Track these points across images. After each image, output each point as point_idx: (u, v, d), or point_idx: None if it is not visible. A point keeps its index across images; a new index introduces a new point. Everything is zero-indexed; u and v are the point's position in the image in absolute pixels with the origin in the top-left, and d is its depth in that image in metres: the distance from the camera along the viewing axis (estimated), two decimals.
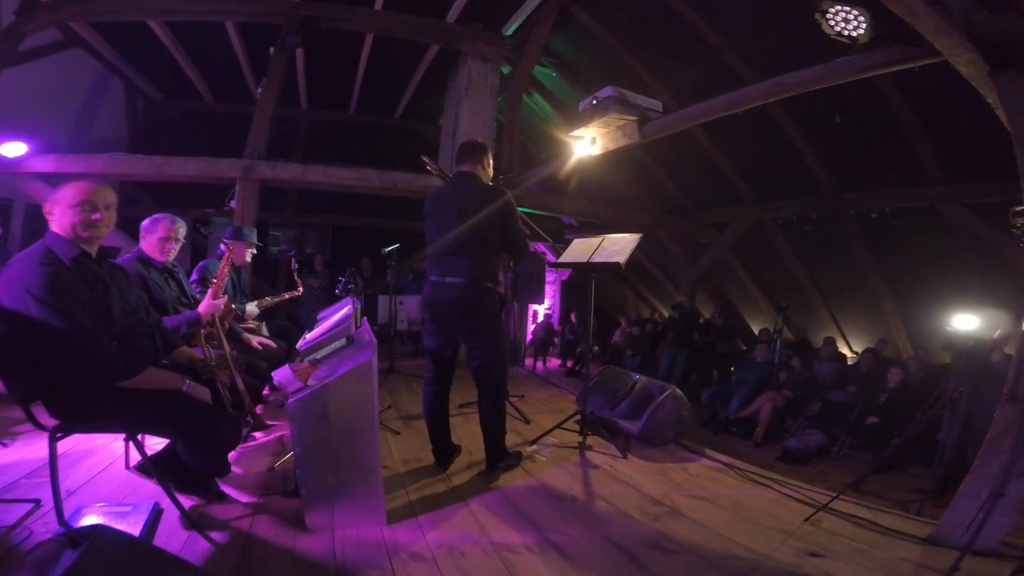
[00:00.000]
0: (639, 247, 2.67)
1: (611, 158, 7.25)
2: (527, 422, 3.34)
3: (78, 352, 1.50)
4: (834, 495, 2.15)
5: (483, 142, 2.54)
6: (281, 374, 1.82)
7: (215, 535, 1.71)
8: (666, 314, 9.33)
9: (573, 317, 11.11)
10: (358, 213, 9.33)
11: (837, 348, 6.78)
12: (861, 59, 2.42)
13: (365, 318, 2.71)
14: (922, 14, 1.64)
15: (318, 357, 2.05)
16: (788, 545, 1.83)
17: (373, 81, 7.36)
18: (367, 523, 1.82)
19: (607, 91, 3.23)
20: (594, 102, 3.33)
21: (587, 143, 3.77)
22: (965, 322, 5.07)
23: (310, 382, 1.80)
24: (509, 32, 5.77)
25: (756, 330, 7.93)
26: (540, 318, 11.15)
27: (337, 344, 2.17)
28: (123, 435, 2.08)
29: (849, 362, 6.72)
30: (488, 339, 2.36)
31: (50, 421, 1.57)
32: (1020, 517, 1.75)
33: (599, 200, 7.21)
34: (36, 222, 5.93)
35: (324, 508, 1.82)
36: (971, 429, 3.89)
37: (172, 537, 1.63)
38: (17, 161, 4.55)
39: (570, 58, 6.30)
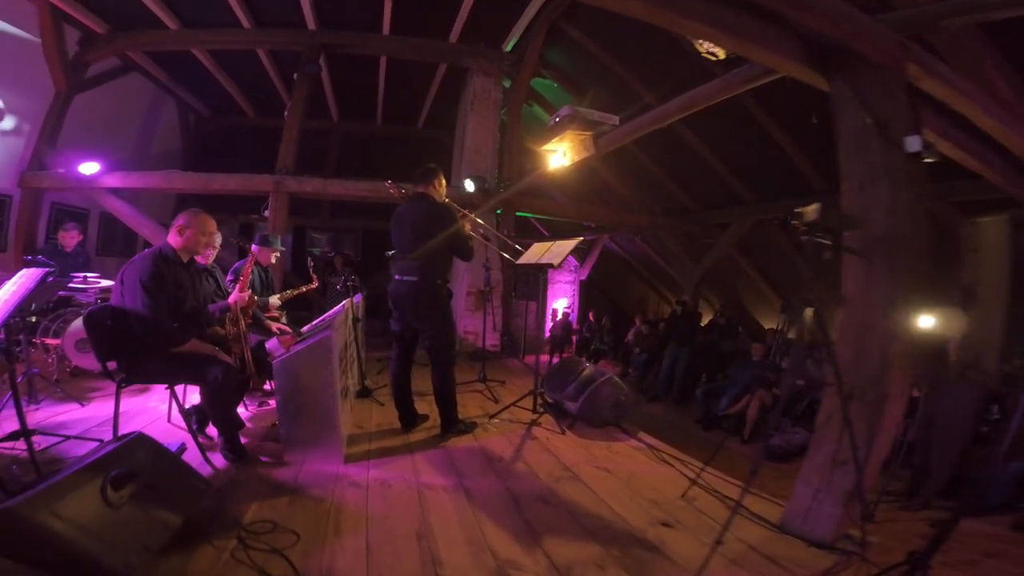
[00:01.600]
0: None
1: (614, 164, 7.63)
2: (496, 401, 3.84)
3: (151, 326, 2.20)
4: (701, 470, 2.50)
5: (435, 167, 3.10)
6: (272, 344, 2.42)
7: (219, 463, 2.33)
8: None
9: (591, 316, 11.48)
10: (386, 217, 10.06)
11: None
12: (732, 76, 2.71)
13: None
14: (756, 31, 1.88)
15: (304, 334, 2.65)
16: (650, 514, 2.14)
17: (394, 95, 8.05)
18: (327, 461, 2.41)
19: (565, 110, 3.67)
20: (557, 119, 3.77)
21: (559, 155, 4.21)
22: (923, 321, 5.20)
23: (290, 351, 2.40)
24: (508, 48, 6.26)
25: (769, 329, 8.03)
26: (559, 316, 11.61)
27: (320, 327, 2.77)
28: (166, 401, 2.77)
29: None
30: (437, 324, 2.92)
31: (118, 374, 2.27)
32: (845, 504, 1.86)
33: (597, 203, 7.56)
34: (108, 228, 6.97)
35: (297, 448, 2.42)
36: (933, 429, 4.05)
37: (190, 461, 2.26)
38: (92, 178, 5.47)
39: (566, 69, 6.71)
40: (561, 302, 11.76)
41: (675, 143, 6.32)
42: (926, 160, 1.52)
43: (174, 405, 2.70)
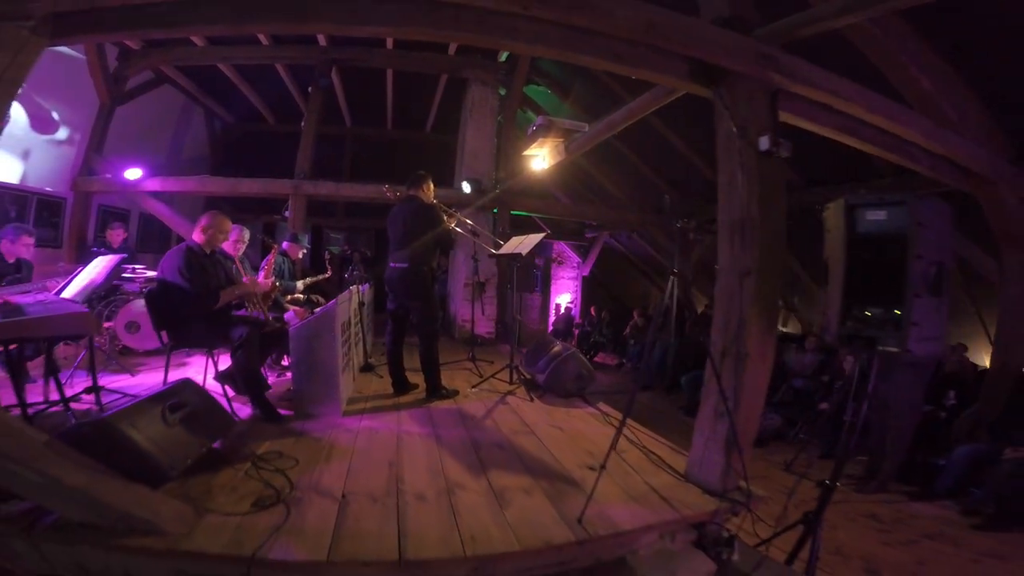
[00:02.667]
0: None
1: (606, 165, 8.07)
2: (480, 377, 4.37)
3: (192, 296, 2.82)
4: (621, 422, 2.99)
5: (424, 173, 3.67)
6: (289, 315, 3.02)
7: (243, 414, 2.93)
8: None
9: (592, 310, 11.95)
10: None
11: (823, 340, 7.14)
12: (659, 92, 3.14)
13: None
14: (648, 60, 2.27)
15: (316, 311, 3.25)
16: (581, 460, 2.61)
17: (402, 103, 8.66)
18: (328, 413, 2.99)
19: (540, 120, 4.18)
20: (534, 128, 4.29)
21: (540, 159, 4.72)
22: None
23: (304, 320, 3.01)
24: (502, 59, 6.79)
25: None
26: (562, 310, 12.13)
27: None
28: (202, 372, 3.38)
29: None
30: (421, 303, 3.51)
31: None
32: (727, 454, 2.21)
33: (594, 202, 8.01)
34: (146, 227, 7.73)
35: (306, 402, 3.01)
36: (887, 412, 4.35)
37: None
38: (135, 182, 6.18)
39: (555, 75, 7.21)
40: (564, 297, 12.27)
41: (663, 143, 6.75)
42: (781, 156, 1.98)
43: (209, 373, 3.31)
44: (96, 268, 2.72)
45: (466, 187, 6.52)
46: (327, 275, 5.25)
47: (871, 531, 3.41)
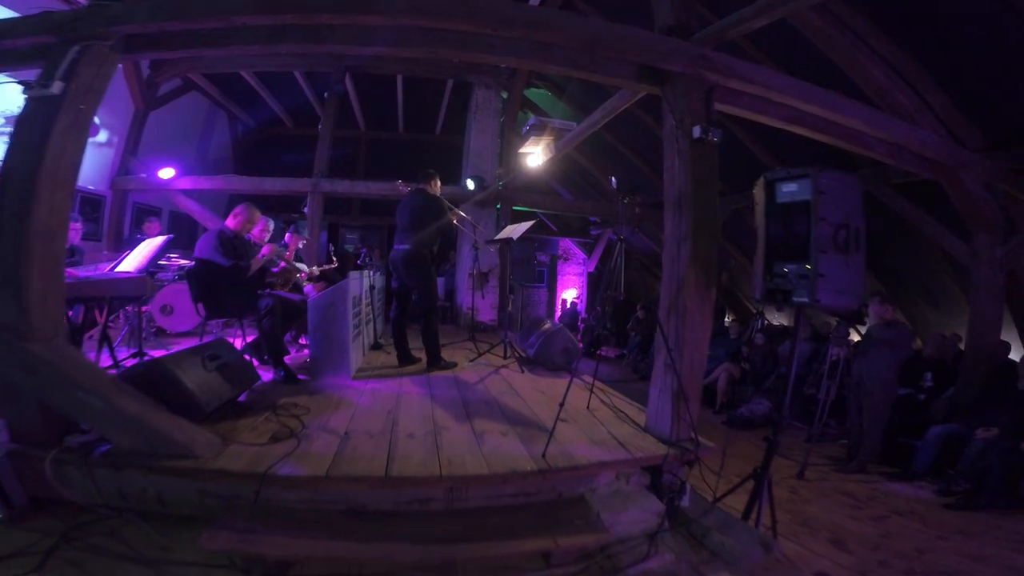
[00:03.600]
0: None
1: (604, 160, 8.39)
2: (479, 353, 4.75)
3: (226, 268, 3.27)
4: (592, 383, 3.32)
5: (433, 171, 4.11)
6: (308, 288, 3.45)
7: (266, 378, 3.34)
8: None
9: (599, 306, 12.23)
10: None
11: (816, 330, 7.35)
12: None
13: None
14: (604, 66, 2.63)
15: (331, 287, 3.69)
16: (555, 414, 2.89)
17: (412, 106, 9.13)
18: (339, 376, 3.40)
19: (533, 120, 4.54)
20: (527, 128, 4.66)
21: (536, 156, 5.08)
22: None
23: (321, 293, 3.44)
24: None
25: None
26: (568, 305, 12.45)
27: None
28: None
29: None
30: (421, 281, 3.91)
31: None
32: (675, 404, 2.51)
33: (589, 197, 8.34)
34: (175, 222, 8.31)
35: (321, 367, 3.42)
36: (862, 390, 4.56)
37: None
38: (169, 181, 6.74)
39: (553, 78, 7.56)
40: (570, 293, 12.59)
41: (653, 138, 7.04)
42: (711, 142, 2.32)
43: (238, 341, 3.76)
44: (148, 247, 3.21)
45: (470, 184, 6.92)
46: (334, 264, 5.71)
47: (843, 507, 3.55)
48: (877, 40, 3.71)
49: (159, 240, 3.28)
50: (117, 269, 3.08)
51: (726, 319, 9.16)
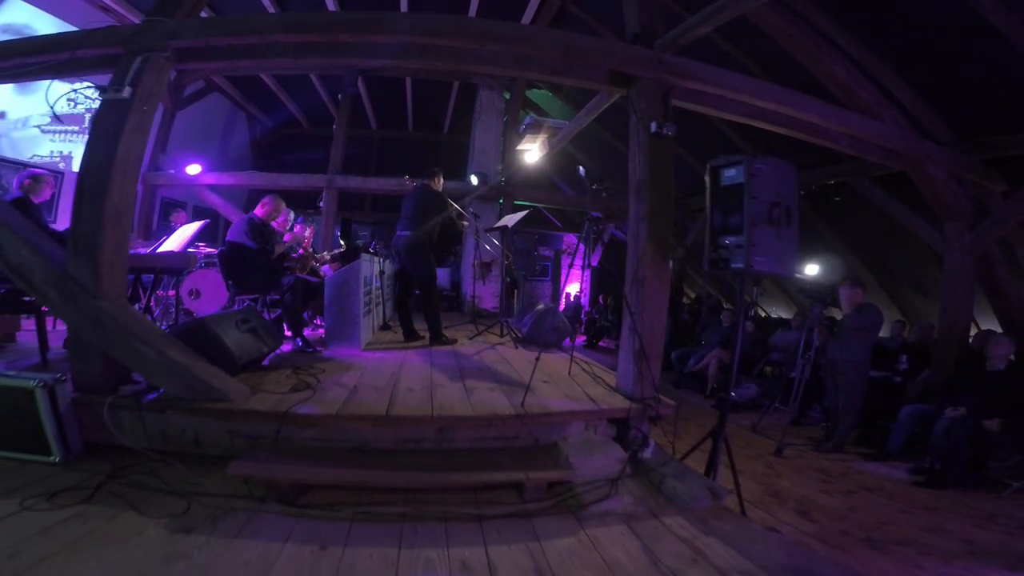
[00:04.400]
0: None
1: (602, 157, 8.72)
2: (478, 332, 5.14)
3: (255, 250, 3.72)
4: (572, 354, 3.69)
5: (437, 168, 4.54)
6: (325, 268, 3.88)
7: (286, 348, 3.78)
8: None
9: (601, 299, 12.56)
10: None
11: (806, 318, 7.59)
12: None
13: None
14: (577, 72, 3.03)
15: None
16: (539, 377, 3.26)
17: (421, 107, 9.56)
18: (350, 347, 3.83)
19: (528, 119, 4.93)
20: (524, 126, 5.05)
21: (532, 153, 5.47)
22: (810, 269, 6.06)
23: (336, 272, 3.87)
24: None
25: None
26: (572, 299, 12.80)
27: None
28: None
29: None
30: (420, 265, 4.32)
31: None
32: (637, 363, 2.86)
33: (585, 193, 8.67)
34: (198, 216, 8.83)
35: (334, 338, 3.85)
36: (836, 372, 4.81)
37: None
38: (195, 177, 7.26)
39: None
40: (573, 286, 12.93)
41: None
42: (666, 136, 2.68)
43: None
44: (187, 231, 3.71)
45: (474, 180, 7.33)
46: (342, 248, 6.19)
47: (814, 482, 3.71)
48: (842, 38, 4.02)
49: (197, 225, 3.77)
50: (160, 250, 3.56)
51: (723, 309, 9.43)
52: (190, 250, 5.60)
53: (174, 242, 3.65)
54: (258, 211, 3.95)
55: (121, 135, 2.47)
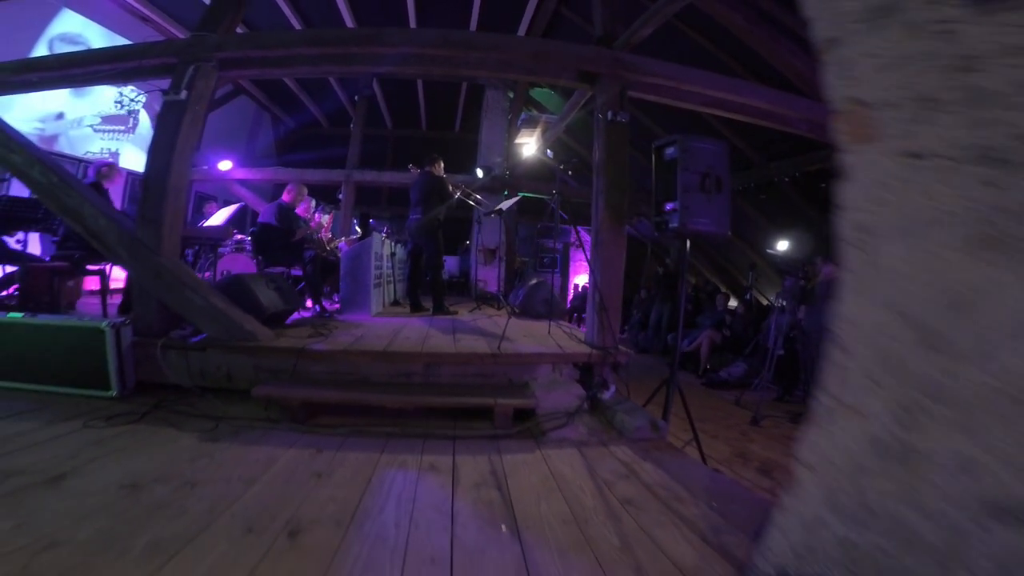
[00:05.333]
0: None
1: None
2: (477, 307, 5.70)
3: (284, 231, 4.36)
4: (550, 322, 4.19)
5: (436, 155, 5.08)
6: (342, 244, 4.49)
7: (308, 313, 4.40)
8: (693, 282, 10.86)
9: None
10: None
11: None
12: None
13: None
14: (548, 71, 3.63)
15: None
16: (521, 335, 3.91)
17: (433, 106, 10.19)
18: (362, 313, 4.43)
19: (524, 115, 5.48)
20: (520, 121, 5.59)
21: (529, 146, 6.01)
22: (781, 244, 6.45)
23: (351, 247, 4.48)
24: None
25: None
26: (580, 289, 13.29)
27: None
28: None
29: None
30: (430, 244, 4.91)
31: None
32: (599, 315, 3.43)
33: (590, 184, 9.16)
34: None
35: (348, 307, 4.46)
36: (807, 340, 5.20)
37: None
38: (224, 173, 8.00)
39: None
40: (581, 278, 13.41)
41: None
42: (620, 122, 3.19)
43: None
44: (226, 212, 4.39)
45: (479, 173, 7.89)
46: (359, 236, 6.83)
47: (784, 447, 3.91)
48: (802, 29, 4.43)
49: (233, 207, 4.43)
50: (205, 224, 4.25)
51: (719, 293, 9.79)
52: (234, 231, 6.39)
53: (217, 219, 4.33)
54: (285, 197, 4.59)
55: (180, 129, 3.11)
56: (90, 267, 3.98)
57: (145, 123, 7.84)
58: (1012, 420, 0.66)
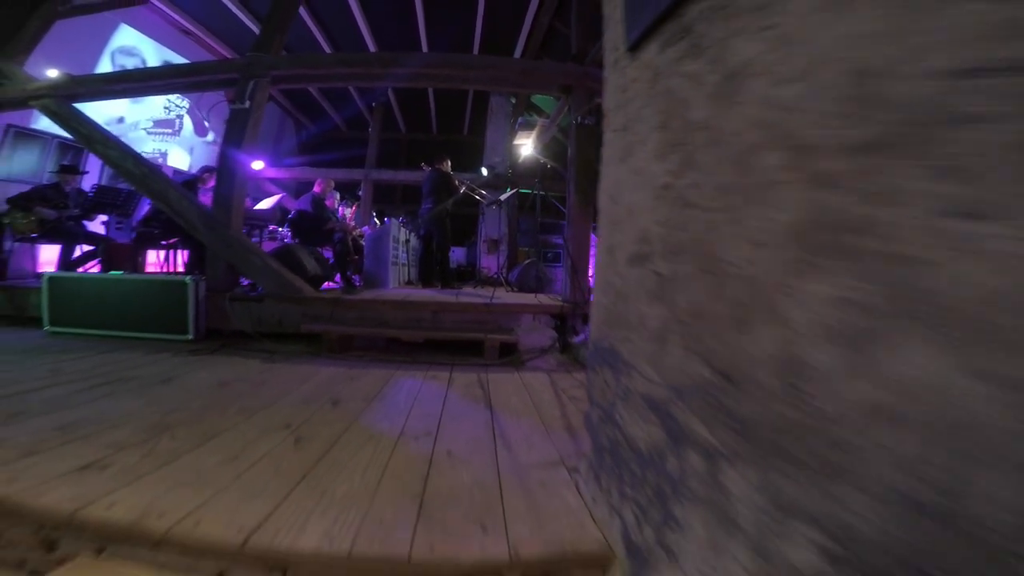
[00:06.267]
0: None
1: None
2: (479, 284, 6.57)
3: (313, 219, 5.29)
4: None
5: (444, 154, 5.97)
6: (365, 228, 5.41)
7: (333, 286, 5.32)
8: None
9: None
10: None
11: None
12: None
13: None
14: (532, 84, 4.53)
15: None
16: (509, 299, 4.83)
17: (443, 111, 11.13)
18: (383, 286, 5.31)
19: (520, 120, 6.36)
20: (518, 124, 6.47)
21: (527, 147, 6.89)
22: None
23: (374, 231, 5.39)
24: None
25: None
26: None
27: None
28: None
29: None
30: (439, 230, 5.81)
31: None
32: (571, 276, 4.41)
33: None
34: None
35: (370, 280, 5.37)
36: None
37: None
38: (258, 171, 8.99)
39: None
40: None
41: None
42: (587, 124, 4.04)
43: None
44: (271, 200, 5.32)
45: (484, 171, 8.79)
46: (378, 224, 7.76)
47: None
48: None
49: (277, 196, 5.38)
50: (255, 208, 5.20)
51: None
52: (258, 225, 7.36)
53: (264, 204, 5.28)
54: (316, 188, 5.52)
55: (244, 131, 4.04)
56: (164, 241, 4.93)
57: (188, 127, 8.87)
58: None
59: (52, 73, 5.09)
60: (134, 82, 4.72)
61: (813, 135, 0.64)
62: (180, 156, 8.60)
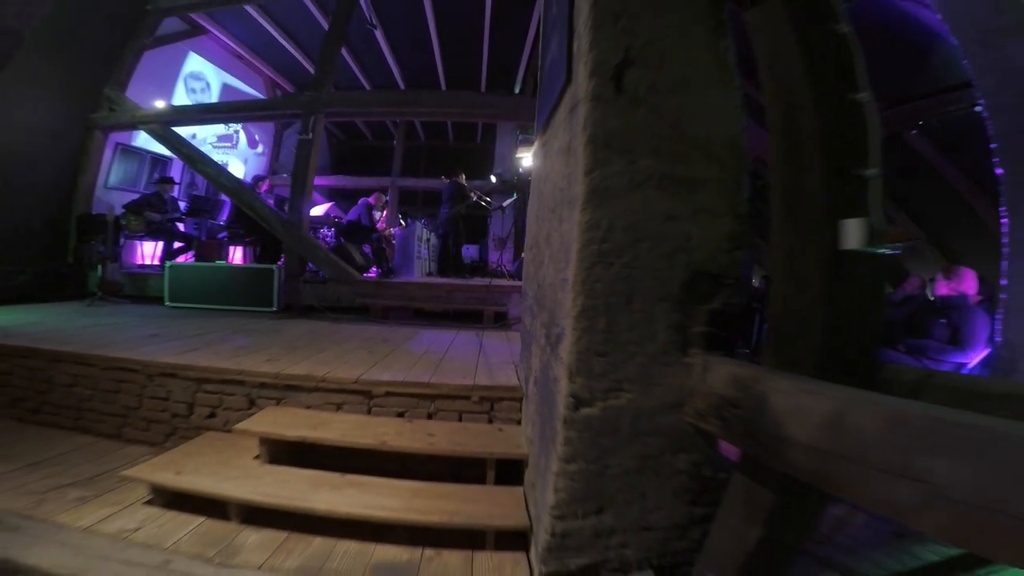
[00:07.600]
0: None
1: None
2: (486, 275, 7.99)
3: (364, 227, 6.79)
4: None
5: (459, 168, 7.37)
6: (395, 229, 6.91)
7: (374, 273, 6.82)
8: None
9: None
10: None
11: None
12: None
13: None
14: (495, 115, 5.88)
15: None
16: (507, 284, 6.23)
17: (458, 123, 12.55)
18: (408, 276, 6.79)
19: (520, 136, 7.72)
20: (521, 138, 7.83)
21: (528, 159, 8.23)
22: None
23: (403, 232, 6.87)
24: (517, 91, 10.37)
25: None
26: None
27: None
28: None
29: None
30: (454, 231, 7.25)
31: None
32: None
33: None
34: None
35: (400, 271, 6.85)
36: None
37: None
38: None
39: None
40: None
41: None
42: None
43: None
44: (322, 207, 6.80)
45: (493, 179, 10.19)
46: (403, 224, 9.23)
47: None
48: None
49: (328, 204, 6.87)
50: (312, 213, 6.72)
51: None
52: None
53: (317, 211, 6.77)
54: (371, 199, 6.99)
55: (309, 157, 5.51)
56: (247, 239, 6.48)
57: (243, 141, 10.48)
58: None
59: (159, 104, 6.67)
60: (222, 112, 6.24)
61: (553, 198, 2.02)
62: (237, 166, 10.21)
